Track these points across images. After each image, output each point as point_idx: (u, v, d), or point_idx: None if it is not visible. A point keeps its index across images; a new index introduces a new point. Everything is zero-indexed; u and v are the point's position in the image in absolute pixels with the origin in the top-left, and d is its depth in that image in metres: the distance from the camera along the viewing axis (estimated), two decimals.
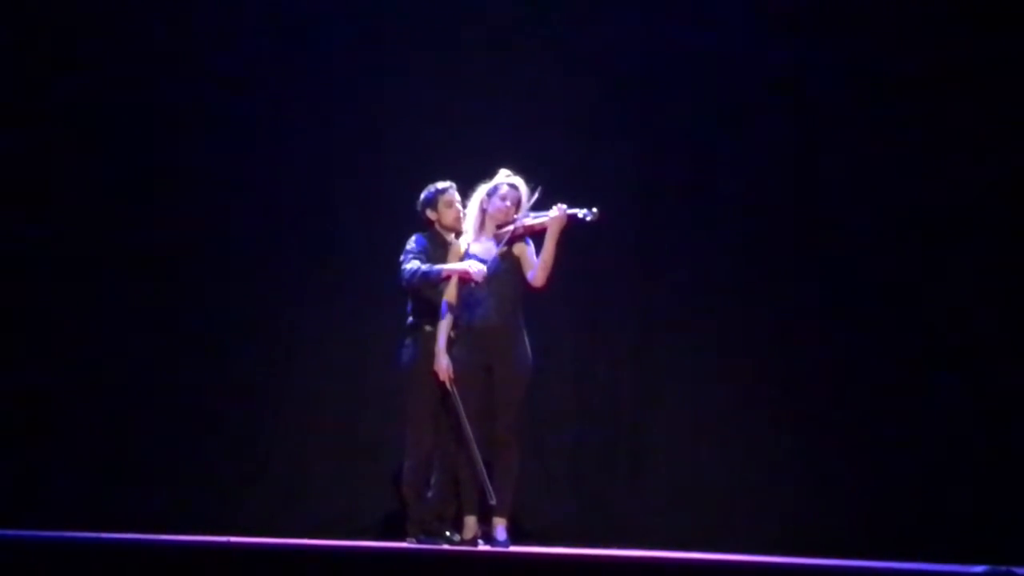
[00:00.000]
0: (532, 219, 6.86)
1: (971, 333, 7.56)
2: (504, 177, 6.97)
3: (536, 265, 6.81)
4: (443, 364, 6.83)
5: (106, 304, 7.83)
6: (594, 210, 6.74)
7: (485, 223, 6.96)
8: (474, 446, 6.73)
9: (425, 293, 6.95)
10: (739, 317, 7.80)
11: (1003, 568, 5.86)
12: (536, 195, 6.82)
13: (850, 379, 7.66)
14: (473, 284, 6.83)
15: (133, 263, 7.88)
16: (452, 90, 7.99)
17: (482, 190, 6.98)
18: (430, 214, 7.09)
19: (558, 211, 6.74)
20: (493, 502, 6.74)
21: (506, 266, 6.88)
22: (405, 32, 8.06)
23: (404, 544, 6.91)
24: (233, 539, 6.73)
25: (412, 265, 6.92)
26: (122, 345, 7.80)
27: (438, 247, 7.04)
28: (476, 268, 6.82)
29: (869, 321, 7.68)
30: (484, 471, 6.74)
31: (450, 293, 6.92)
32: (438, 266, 6.90)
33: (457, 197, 7.08)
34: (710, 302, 7.83)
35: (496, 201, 6.93)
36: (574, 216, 6.77)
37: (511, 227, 6.88)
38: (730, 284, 7.83)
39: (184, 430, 7.74)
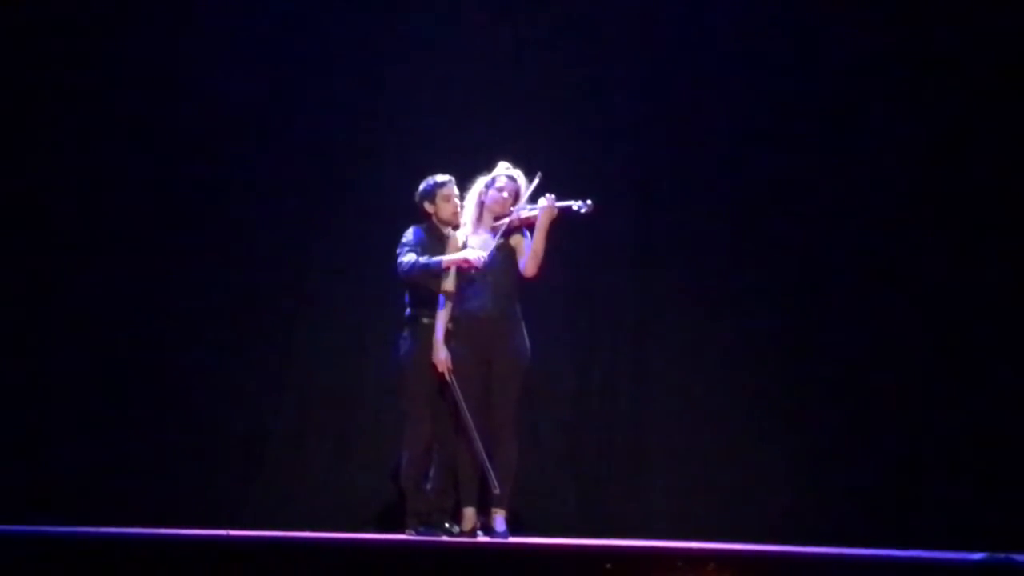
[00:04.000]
0: (528, 211, 6.88)
1: (968, 325, 7.58)
2: (503, 169, 6.98)
3: (526, 255, 6.82)
4: (442, 356, 6.84)
5: (106, 303, 7.82)
6: (588, 202, 6.76)
7: (483, 215, 6.98)
8: (476, 437, 6.74)
9: (423, 285, 6.95)
10: (737, 309, 7.82)
11: (1002, 554, 5.86)
12: (536, 181, 6.83)
13: (847, 369, 7.68)
14: (473, 271, 6.83)
15: (132, 261, 7.88)
16: (452, 84, 7.99)
17: (480, 182, 7.00)
18: (428, 207, 7.09)
19: (547, 202, 6.75)
20: (497, 491, 6.75)
21: (503, 258, 6.89)
22: (404, 25, 8.06)
23: (403, 536, 6.91)
24: (233, 532, 6.75)
25: (409, 258, 6.92)
26: (122, 343, 7.80)
27: (435, 240, 7.04)
28: (475, 255, 6.82)
29: (868, 314, 7.71)
30: (487, 461, 6.75)
31: (448, 284, 6.93)
32: (437, 257, 6.90)
33: (456, 191, 7.08)
34: (709, 294, 7.85)
35: (494, 193, 6.95)
36: (568, 208, 6.78)
37: (508, 219, 6.89)
38: (728, 276, 7.84)
39: (183, 425, 7.74)
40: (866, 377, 7.66)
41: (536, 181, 6.85)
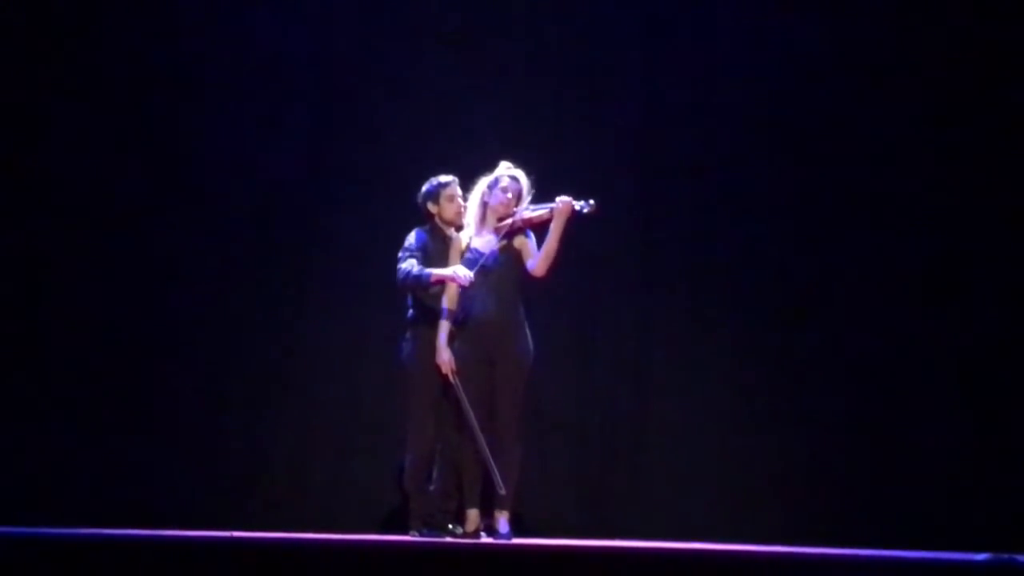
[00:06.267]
0: (531, 212, 6.88)
1: (971, 325, 7.58)
2: (505, 169, 6.98)
3: (538, 255, 6.82)
4: (445, 358, 6.84)
5: (106, 302, 7.82)
6: (591, 202, 6.77)
7: (486, 216, 6.98)
8: (482, 438, 6.74)
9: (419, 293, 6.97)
10: (739, 309, 7.82)
11: (1005, 555, 5.86)
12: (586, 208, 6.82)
13: (850, 369, 7.69)
14: (459, 288, 6.83)
15: (132, 261, 7.88)
16: (453, 85, 7.99)
17: (483, 183, 6.99)
18: (431, 207, 7.09)
19: (562, 203, 6.75)
20: (503, 492, 6.74)
21: (506, 259, 6.89)
22: (403, 23, 8.05)
23: (406, 537, 6.91)
24: (236, 534, 6.74)
25: (406, 265, 6.92)
26: (123, 343, 7.80)
27: (438, 241, 7.04)
28: (463, 274, 6.82)
29: (869, 313, 7.71)
30: (493, 462, 6.74)
31: (451, 287, 6.92)
32: (428, 270, 6.89)
33: (459, 192, 7.08)
34: (710, 293, 7.85)
35: (497, 193, 6.94)
36: (573, 208, 6.78)
37: (511, 220, 6.89)
38: (729, 276, 7.85)
39: (186, 425, 7.74)
40: (867, 377, 7.66)
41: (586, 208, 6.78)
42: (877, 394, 7.64)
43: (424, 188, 7.10)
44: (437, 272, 6.89)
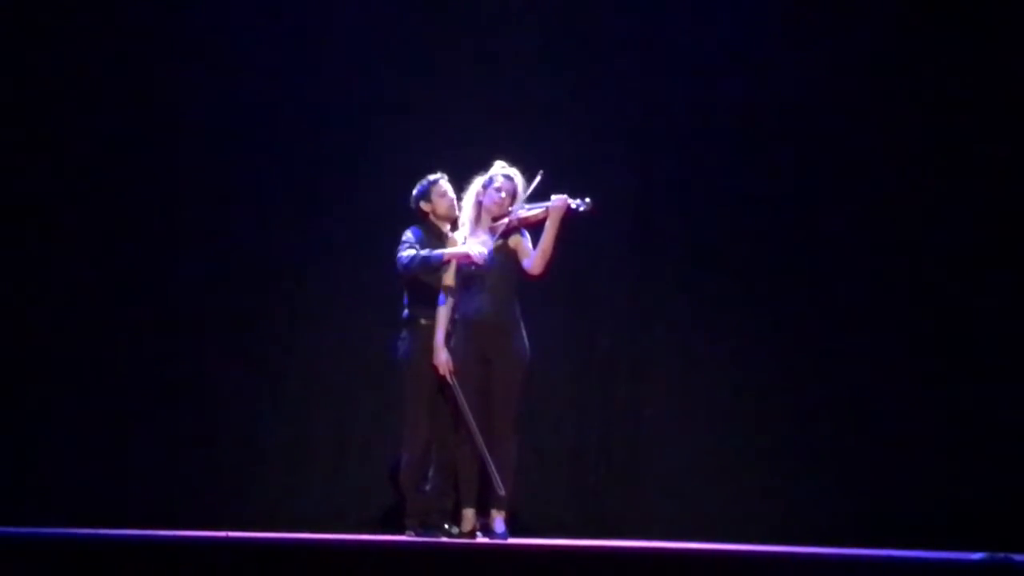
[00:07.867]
0: (527, 211, 6.88)
1: (968, 324, 7.59)
2: (499, 168, 6.97)
3: (534, 254, 6.81)
4: (442, 358, 6.84)
5: (104, 301, 7.82)
6: (587, 200, 6.77)
7: (481, 215, 6.97)
8: (479, 438, 6.73)
9: (423, 280, 6.94)
10: (735, 308, 7.82)
11: (1001, 554, 5.86)
12: (537, 180, 6.83)
13: (846, 368, 7.69)
14: (474, 267, 6.82)
15: (132, 262, 7.88)
16: (450, 84, 7.99)
17: (478, 182, 6.99)
18: (424, 206, 7.09)
19: (558, 200, 6.74)
20: (503, 493, 6.73)
21: (502, 259, 6.88)
22: (399, 24, 8.06)
23: (402, 537, 6.91)
24: (232, 534, 6.74)
25: (409, 253, 6.93)
26: (122, 343, 7.80)
27: (435, 238, 7.05)
28: (477, 250, 6.82)
29: (866, 311, 7.71)
30: (491, 462, 6.74)
31: (447, 285, 6.92)
32: (438, 251, 6.90)
33: (449, 187, 7.09)
34: (706, 295, 7.84)
35: (491, 193, 6.93)
36: (568, 206, 6.78)
37: (506, 219, 6.89)
38: (725, 276, 7.84)
39: (181, 425, 7.74)
40: (866, 377, 7.66)
41: (537, 180, 6.84)
42: (876, 394, 7.63)
43: (415, 190, 7.11)
44: (449, 251, 6.89)
